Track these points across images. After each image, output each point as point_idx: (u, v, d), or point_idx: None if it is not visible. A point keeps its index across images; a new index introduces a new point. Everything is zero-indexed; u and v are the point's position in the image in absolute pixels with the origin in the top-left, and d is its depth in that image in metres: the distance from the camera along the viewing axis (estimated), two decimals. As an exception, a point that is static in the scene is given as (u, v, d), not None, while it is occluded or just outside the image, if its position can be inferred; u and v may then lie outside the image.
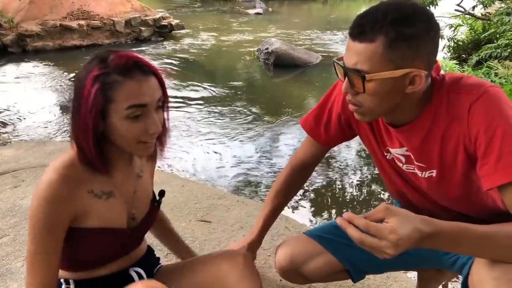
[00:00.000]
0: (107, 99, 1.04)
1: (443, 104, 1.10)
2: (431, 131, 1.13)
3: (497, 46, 5.17)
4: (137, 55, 1.11)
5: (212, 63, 7.81)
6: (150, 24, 9.49)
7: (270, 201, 1.55)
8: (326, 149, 1.49)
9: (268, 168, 4.01)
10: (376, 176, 3.93)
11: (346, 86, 1.07)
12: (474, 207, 1.23)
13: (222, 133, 4.77)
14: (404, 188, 1.33)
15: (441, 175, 1.18)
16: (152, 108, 1.08)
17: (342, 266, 1.42)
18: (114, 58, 1.06)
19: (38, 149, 3.46)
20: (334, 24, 12.03)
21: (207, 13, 13.74)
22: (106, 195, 1.17)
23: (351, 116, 1.31)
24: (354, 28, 1.03)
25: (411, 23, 0.99)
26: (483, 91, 1.05)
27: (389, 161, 1.29)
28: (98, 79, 1.04)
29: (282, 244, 1.48)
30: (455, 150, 1.11)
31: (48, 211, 1.08)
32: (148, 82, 1.08)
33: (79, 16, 8.84)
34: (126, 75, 1.05)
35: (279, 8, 15.30)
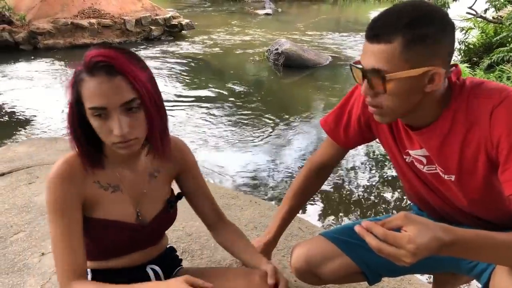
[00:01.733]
0: (79, 95, 1.04)
1: (462, 108, 1.10)
2: (450, 136, 1.13)
3: (510, 49, 5.15)
4: (113, 52, 1.04)
5: (221, 63, 7.82)
6: (160, 23, 9.53)
7: (287, 201, 1.55)
8: (345, 150, 1.49)
9: (278, 169, 4.02)
10: (389, 178, 3.93)
11: (365, 88, 1.07)
12: (494, 212, 1.22)
13: (233, 133, 4.78)
14: (423, 190, 1.33)
15: (460, 179, 1.17)
16: (113, 111, 1.03)
17: (359, 268, 1.41)
18: (87, 55, 1.03)
19: (50, 146, 3.48)
20: (344, 25, 12.03)
21: (216, 13, 13.77)
22: (112, 188, 1.19)
23: (371, 118, 1.31)
24: (371, 30, 1.03)
25: (427, 23, 0.99)
26: (505, 95, 1.04)
27: (409, 164, 1.29)
28: (75, 74, 1.05)
29: (298, 245, 1.48)
30: (476, 155, 1.11)
31: (56, 190, 1.11)
32: (112, 83, 1.02)
33: (90, 14, 8.90)
34: (90, 73, 1.02)
35: (288, 9, 15.29)
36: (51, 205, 1.13)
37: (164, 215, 1.31)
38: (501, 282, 1.02)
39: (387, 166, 4.14)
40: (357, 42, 9.78)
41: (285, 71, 7.36)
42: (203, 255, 1.95)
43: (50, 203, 1.13)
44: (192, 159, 1.37)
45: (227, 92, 6.20)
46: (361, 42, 9.60)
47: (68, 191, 1.12)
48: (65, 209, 1.13)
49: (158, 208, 1.29)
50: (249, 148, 4.44)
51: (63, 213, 1.13)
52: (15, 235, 2.10)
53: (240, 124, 5.05)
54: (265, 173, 3.93)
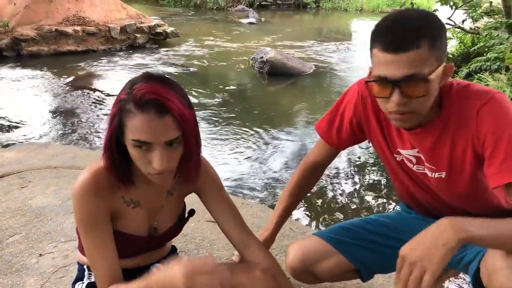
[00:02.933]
0: (122, 124, 1.07)
1: (453, 109, 1.19)
2: (442, 135, 1.21)
3: (487, 59, 5.34)
4: (163, 88, 1.06)
5: (207, 71, 7.89)
6: (145, 31, 9.56)
7: (284, 199, 1.62)
8: (337, 151, 1.56)
9: (264, 173, 4.09)
10: (378, 178, 4.04)
11: (399, 98, 1.10)
12: (480, 206, 1.30)
13: (219, 140, 4.84)
14: (412, 188, 1.41)
15: (450, 176, 1.26)
16: (158, 146, 1.06)
17: (353, 266, 1.48)
18: (138, 87, 1.06)
19: (41, 151, 3.49)
20: (326, 35, 12.23)
21: (200, 21, 13.86)
22: (134, 204, 1.23)
23: (362, 120, 1.39)
24: (394, 43, 1.07)
25: (434, 22, 1.10)
26: (490, 96, 1.14)
27: (399, 162, 1.37)
28: (120, 103, 1.07)
29: (293, 245, 1.53)
30: (464, 152, 1.20)
31: (86, 204, 1.15)
32: (161, 121, 1.04)
33: (74, 22, 8.89)
34: (140, 109, 1.04)
35: (271, 18, 15.47)
36: (82, 219, 1.16)
37: (175, 229, 1.36)
38: (493, 264, 1.09)
39: (374, 168, 4.25)
40: (339, 50, 9.96)
41: (270, 79, 7.46)
42: (200, 254, 2.01)
43: (81, 217, 1.16)
44: (212, 176, 1.36)
45: (213, 100, 6.27)
46: (343, 50, 9.83)
47: (97, 205, 1.16)
48: (96, 223, 1.16)
49: (171, 223, 1.33)
50: (236, 153, 4.51)
51: (94, 226, 1.16)
52: (11, 238, 2.13)
53: (226, 130, 5.11)
54: (253, 178, 4.00)
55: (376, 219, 1.55)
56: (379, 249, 1.46)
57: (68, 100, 6.03)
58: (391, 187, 3.86)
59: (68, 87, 6.59)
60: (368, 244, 1.47)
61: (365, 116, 1.38)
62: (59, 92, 6.35)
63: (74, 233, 2.15)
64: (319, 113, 5.92)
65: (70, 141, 4.66)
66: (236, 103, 6.19)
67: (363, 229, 1.50)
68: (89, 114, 5.53)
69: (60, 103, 5.91)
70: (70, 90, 6.45)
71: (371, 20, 13.85)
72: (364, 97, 1.37)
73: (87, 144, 4.62)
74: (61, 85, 6.68)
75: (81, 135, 4.88)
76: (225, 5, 16.94)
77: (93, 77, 7.32)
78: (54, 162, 3.16)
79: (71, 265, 1.91)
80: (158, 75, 1.12)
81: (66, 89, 6.47)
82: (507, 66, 4.84)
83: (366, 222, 1.54)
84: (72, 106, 5.80)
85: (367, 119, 1.38)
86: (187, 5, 17.13)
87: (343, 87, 7.08)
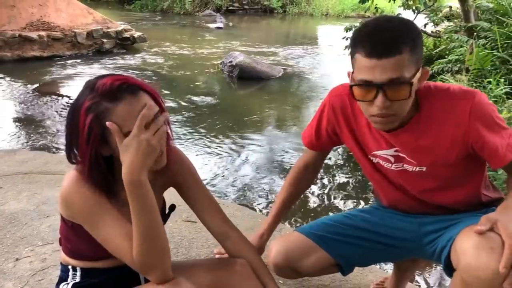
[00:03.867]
0: (103, 128, 1.07)
1: (434, 108, 1.28)
2: (424, 132, 1.30)
3: (448, 61, 5.55)
4: (123, 75, 1.10)
5: (176, 75, 7.88)
6: (112, 36, 9.46)
7: (279, 200, 1.69)
8: (324, 153, 1.67)
9: (234, 177, 4.12)
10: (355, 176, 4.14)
11: (383, 101, 1.17)
12: (455, 197, 1.41)
13: (190, 144, 4.85)
14: (388, 188, 1.49)
15: (431, 169, 1.35)
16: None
17: (334, 261, 1.53)
18: (100, 84, 1.07)
19: (10, 158, 3.43)
20: (293, 39, 12.39)
21: (168, 26, 13.80)
22: (121, 203, 1.22)
23: (336, 129, 1.49)
24: (378, 48, 1.14)
25: (413, 29, 1.19)
26: (475, 96, 1.25)
27: (375, 164, 1.45)
28: (90, 109, 1.07)
29: (275, 242, 1.57)
30: (451, 147, 1.29)
31: (81, 196, 1.14)
32: (139, 100, 1.08)
33: (39, 27, 8.70)
34: (115, 100, 1.06)
35: (239, 23, 15.54)
36: (84, 211, 1.15)
37: None
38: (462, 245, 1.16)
39: (351, 167, 4.36)
40: (307, 54, 10.12)
41: (240, 83, 7.52)
42: (179, 254, 2.04)
43: (82, 211, 1.15)
44: (188, 166, 1.39)
45: (183, 104, 6.27)
46: (310, 54, 10.00)
47: (91, 195, 1.15)
48: (99, 208, 1.15)
49: None
50: (205, 158, 4.53)
51: (100, 212, 1.15)
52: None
53: (196, 135, 5.13)
54: (225, 181, 4.03)
55: (356, 214, 1.61)
56: (360, 243, 1.52)
57: (35, 107, 5.91)
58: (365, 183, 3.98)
59: (34, 93, 6.46)
60: (349, 239, 1.53)
61: (338, 125, 1.48)
62: (25, 99, 6.21)
63: (51, 237, 2.15)
64: (288, 116, 6.02)
65: (38, 148, 4.57)
66: (206, 107, 6.21)
67: (344, 224, 1.56)
68: (56, 120, 5.43)
69: (26, 110, 5.79)
70: (36, 96, 6.33)
71: (336, 25, 14.13)
72: (334, 106, 1.46)
73: (56, 150, 4.55)
74: (27, 91, 6.54)
75: (49, 141, 4.79)
76: (192, 10, 16.91)
77: (60, 82, 7.19)
78: (25, 168, 3.12)
79: (49, 268, 1.91)
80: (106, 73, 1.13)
81: (32, 96, 6.34)
82: (467, 68, 5.05)
83: (346, 217, 1.60)
84: (38, 113, 5.69)
85: (340, 128, 1.48)
86: (154, 10, 17.01)
87: (311, 91, 7.22)
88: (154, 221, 1.13)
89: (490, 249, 1.09)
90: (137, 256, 1.13)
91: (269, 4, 17.91)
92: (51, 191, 2.66)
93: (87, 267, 1.32)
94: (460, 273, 1.16)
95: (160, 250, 1.14)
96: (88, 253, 1.29)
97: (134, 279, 1.30)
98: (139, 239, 1.11)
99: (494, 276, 1.06)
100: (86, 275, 1.31)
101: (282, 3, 18.01)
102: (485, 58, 4.92)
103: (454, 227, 1.31)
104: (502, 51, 5.09)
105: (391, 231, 1.51)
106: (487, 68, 4.92)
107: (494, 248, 1.08)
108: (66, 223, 1.25)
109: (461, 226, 1.26)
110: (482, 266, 1.08)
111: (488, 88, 4.45)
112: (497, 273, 1.05)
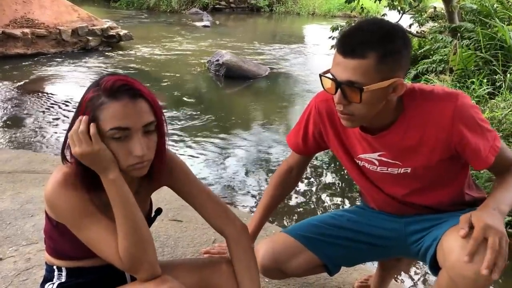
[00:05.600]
0: (95, 119, 1.09)
1: (418, 111, 1.29)
2: (407, 135, 1.31)
3: (433, 61, 5.62)
4: (130, 78, 1.13)
5: (162, 74, 7.85)
6: (98, 33, 9.37)
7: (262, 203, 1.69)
8: (309, 157, 1.67)
9: (220, 176, 4.14)
10: (341, 175, 4.17)
11: (339, 98, 1.20)
12: (439, 198, 1.43)
13: (176, 143, 4.84)
14: (373, 190, 1.50)
15: (414, 172, 1.36)
16: (136, 132, 1.10)
17: (321, 261, 1.55)
18: (105, 80, 1.10)
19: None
20: (279, 38, 12.40)
21: (154, 24, 13.72)
22: (103, 204, 1.21)
23: (322, 132, 1.49)
24: (345, 47, 1.16)
25: (394, 39, 1.16)
26: (458, 98, 1.26)
27: (361, 167, 1.46)
28: (91, 101, 1.10)
29: (263, 243, 1.57)
30: (432, 151, 1.31)
31: (69, 197, 1.14)
32: (135, 105, 1.10)
33: (23, 24, 8.58)
34: (113, 97, 1.08)
35: (225, 22, 15.51)
36: (69, 214, 1.15)
37: None
38: (448, 245, 1.18)
39: (337, 166, 4.39)
40: (293, 53, 10.15)
41: (227, 81, 7.51)
42: (164, 252, 2.04)
43: (67, 212, 1.15)
44: (179, 164, 1.38)
45: (168, 103, 6.25)
46: (297, 53, 10.02)
47: (80, 197, 1.15)
48: (84, 210, 1.15)
49: None
50: (192, 157, 4.53)
51: (84, 214, 1.15)
52: (-32, 244, 2.08)
53: (181, 134, 5.12)
54: (212, 180, 4.04)
55: (342, 214, 1.62)
56: (345, 243, 1.54)
57: (19, 105, 5.84)
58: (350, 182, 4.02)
59: (18, 91, 6.38)
60: (335, 240, 1.54)
61: (324, 129, 1.48)
62: (9, 97, 6.13)
63: (35, 237, 2.14)
64: (275, 115, 6.04)
65: (22, 146, 4.52)
66: (192, 106, 6.20)
67: (330, 224, 1.57)
68: (40, 118, 5.38)
69: (10, 108, 5.71)
70: (20, 94, 6.25)
71: (322, 24, 14.19)
72: (320, 111, 1.46)
73: (40, 149, 4.51)
74: (11, 89, 6.46)
75: (33, 140, 4.74)
76: (179, 8, 16.82)
77: (44, 80, 7.11)
78: (8, 167, 3.08)
79: (34, 268, 1.89)
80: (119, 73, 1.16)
81: (16, 94, 6.26)
82: (451, 68, 5.12)
83: (332, 217, 1.61)
84: (22, 111, 5.62)
85: (326, 131, 1.48)
86: (140, 8, 16.90)
87: (297, 90, 7.24)
88: (132, 213, 1.15)
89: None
90: (123, 252, 1.14)
91: (256, 3, 17.91)
92: (35, 190, 2.64)
93: (72, 267, 1.31)
94: (447, 271, 1.18)
95: (144, 241, 1.16)
96: (72, 253, 1.28)
97: (120, 279, 1.30)
98: (122, 231, 1.14)
99: (479, 274, 1.09)
100: (72, 275, 1.31)
101: (269, 2, 18.01)
102: (468, 59, 5.00)
103: (439, 227, 1.33)
104: (485, 52, 5.17)
105: (377, 231, 1.52)
106: (471, 69, 5.00)
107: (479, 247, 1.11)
108: (51, 222, 1.25)
109: (446, 225, 1.28)
110: (468, 264, 1.10)
111: (471, 89, 4.52)
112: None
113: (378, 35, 1.15)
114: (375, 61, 1.14)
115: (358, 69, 1.15)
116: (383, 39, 1.15)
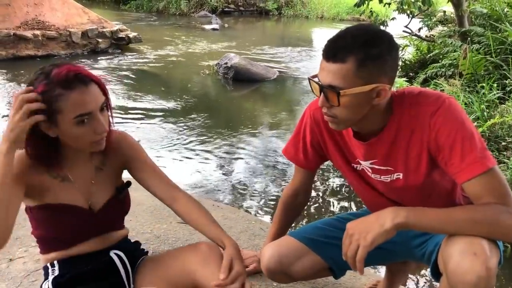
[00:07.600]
0: (54, 111, 1.18)
1: (405, 115, 1.28)
2: (396, 140, 1.30)
3: (442, 65, 5.59)
4: (76, 65, 1.25)
5: (171, 76, 7.88)
6: (107, 36, 9.44)
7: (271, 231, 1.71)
8: (311, 173, 1.63)
9: (229, 178, 4.15)
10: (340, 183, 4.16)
11: (322, 101, 1.23)
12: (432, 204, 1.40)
13: (183, 144, 4.86)
14: (370, 194, 1.49)
15: (406, 178, 1.35)
16: (95, 113, 1.22)
17: (327, 264, 1.54)
18: (56, 72, 1.19)
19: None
20: (288, 41, 12.40)
21: (163, 27, 13.78)
22: (61, 178, 1.32)
23: (320, 141, 1.48)
24: (328, 51, 1.19)
25: (376, 45, 1.16)
26: (441, 102, 1.24)
27: (359, 171, 1.45)
28: (43, 93, 1.18)
29: (268, 247, 1.57)
30: (419, 156, 1.29)
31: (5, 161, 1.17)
32: (90, 90, 1.22)
33: (34, 26, 8.67)
34: (68, 88, 1.18)
35: (234, 25, 15.55)
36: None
37: (114, 202, 1.42)
38: (447, 251, 1.18)
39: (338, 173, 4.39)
40: (302, 57, 10.15)
41: (235, 84, 7.53)
42: (172, 255, 2.05)
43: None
44: (135, 147, 1.48)
45: (177, 105, 6.27)
46: (305, 57, 10.03)
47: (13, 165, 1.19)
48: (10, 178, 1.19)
49: (108, 196, 1.40)
50: (202, 158, 4.54)
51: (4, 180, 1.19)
52: (-22, 244, 2.10)
53: (191, 136, 5.14)
54: (221, 182, 4.05)
55: (347, 217, 1.61)
56: None
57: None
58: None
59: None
60: (340, 242, 1.52)
61: (321, 137, 1.47)
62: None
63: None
64: (283, 118, 6.04)
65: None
66: (201, 109, 6.22)
67: (336, 227, 1.56)
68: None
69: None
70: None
71: (331, 28, 14.17)
72: (317, 119, 1.46)
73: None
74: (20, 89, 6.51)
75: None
76: (188, 11, 16.88)
77: (54, 82, 7.16)
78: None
79: (43, 269, 1.91)
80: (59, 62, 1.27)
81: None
82: (461, 72, 5.09)
83: (338, 220, 1.61)
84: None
85: (323, 139, 1.47)
86: (150, 11, 16.98)
87: (305, 93, 7.24)
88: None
89: (473, 255, 1.12)
90: None
91: (265, 6, 17.92)
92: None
93: (62, 258, 1.37)
94: (447, 277, 1.18)
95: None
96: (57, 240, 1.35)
97: (112, 269, 1.38)
98: None
99: (478, 280, 1.09)
100: (64, 267, 1.36)
101: (277, 5, 18.02)
102: (478, 63, 4.97)
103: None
104: (495, 56, 5.14)
105: None
106: (481, 73, 4.97)
107: (477, 253, 1.11)
108: (31, 212, 1.35)
109: None
110: (467, 270, 1.11)
111: (481, 93, 4.49)
112: (480, 277, 1.09)
113: (361, 40, 1.16)
114: (354, 66, 1.15)
115: (338, 73, 1.17)
116: (364, 44, 1.16)
